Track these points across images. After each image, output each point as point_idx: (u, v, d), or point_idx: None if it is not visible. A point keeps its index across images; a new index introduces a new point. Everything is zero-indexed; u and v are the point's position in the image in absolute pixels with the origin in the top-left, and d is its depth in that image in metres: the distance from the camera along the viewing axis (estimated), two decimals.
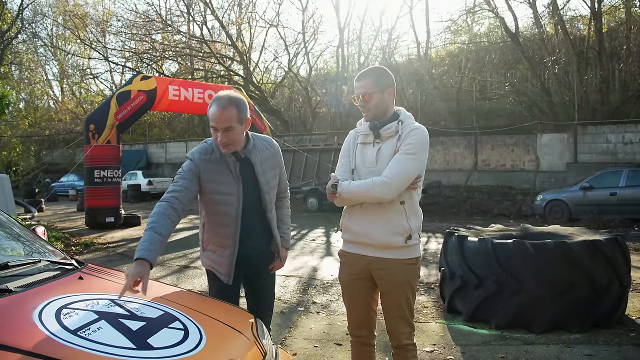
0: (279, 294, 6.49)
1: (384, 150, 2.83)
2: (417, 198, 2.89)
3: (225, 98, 2.72)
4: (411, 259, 2.86)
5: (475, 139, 19.45)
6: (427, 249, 9.91)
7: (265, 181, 2.95)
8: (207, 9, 26.83)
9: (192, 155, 2.87)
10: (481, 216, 15.93)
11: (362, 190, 2.77)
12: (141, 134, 34.21)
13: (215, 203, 2.87)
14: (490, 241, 5.00)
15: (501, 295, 4.86)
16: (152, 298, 2.32)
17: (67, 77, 38.81)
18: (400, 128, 2.81)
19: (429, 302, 6.00)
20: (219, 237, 2.91)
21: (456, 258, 5.30)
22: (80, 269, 2.60)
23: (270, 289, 3.21)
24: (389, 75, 2.90)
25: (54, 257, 2.75)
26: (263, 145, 3.02)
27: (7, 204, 13.79)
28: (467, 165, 19.60)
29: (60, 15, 33.11)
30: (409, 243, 2.81)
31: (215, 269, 2.94)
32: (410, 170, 2.73)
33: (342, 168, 2.97)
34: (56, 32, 38.07)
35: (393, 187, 2.70)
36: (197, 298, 2.63)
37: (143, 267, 2.41)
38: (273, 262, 3.10)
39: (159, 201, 2.73)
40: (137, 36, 28.10)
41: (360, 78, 2.89)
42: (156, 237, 2.53)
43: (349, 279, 2.98)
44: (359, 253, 2.90)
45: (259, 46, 32.03)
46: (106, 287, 2.40)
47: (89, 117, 14.50)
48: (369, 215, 2.84)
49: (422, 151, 2.78)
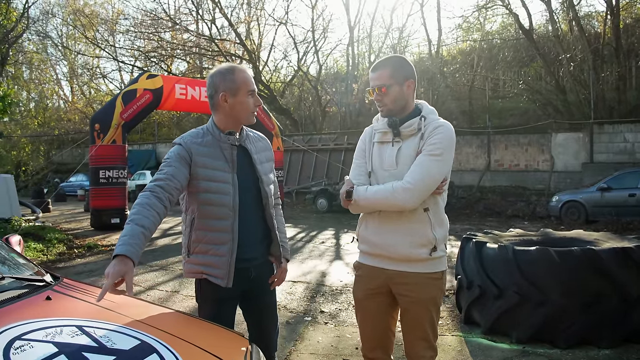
0: (284, 302, 6.18)
1: (405, 150, 2.50)
2: (442, 204, 2.57)
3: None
4: (436, 273, 2.54)
5: (488, 139, 19.05)
6: None
7: (264, 172, 2.64)
8: (216, 8, 26.55)
9: (181, 139, 2.55)
10: (495, 217, 15.54)
11: (381, 197, 2.45)
12: (150, 133, 34.05)
13: (210, 191, 2.48)
14: (511, 248, 4.64)
15: (523, 306, 4.49)
16: (128, 322, 1.99)
17: (76, 76, 38.73)
18: (423, 125, 2.49)
19: (444, 312, 5.64)
20: (214, 233, 2.50)
21: (474, 266, 4.94)
22: (52, 286, 2.29)
23: (273, 308, 2.85)
24: (408, 65, 2.58)
25: (24, 272, 2.44)
26: (256, 137, 2.74)
27: (11, 204, 13.62)
28: (480, 166, 19.19)
29: (70, 14, 33.03)
30: (434, 255, 2.50)
31: (208, 273, 2.52)
32: (436, 174, 2.42)
33: (358, 170, 2.64)
34: (66, 32, 38.04)
35: (416, 193, 2.39)
36: (183, 321, 2.28)
37: (125, 265, 2.05)
38: (273, 276, 2.74)
39: (142, 191, 2.38)
40: (145, 35, 27.90)
41: (376, 68, 2.56)
42: (137, 229, 2.17)
43: (366, 294, 2.65)
44: (377, 266, 2.58)
45: (269, 45, 31.67)
46: (77, 309, 2.08)
47: (94, 117, 14.25)
48: (388, 225, 2.52)
49: (448, 151, 2.46)
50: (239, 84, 2.53)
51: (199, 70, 30.12)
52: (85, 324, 1.89)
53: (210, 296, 2.58)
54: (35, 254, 9.44)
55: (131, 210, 2.28)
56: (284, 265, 2.78)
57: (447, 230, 2.59)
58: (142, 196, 2.32)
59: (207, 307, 2.62)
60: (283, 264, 2.76)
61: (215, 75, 2.56)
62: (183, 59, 30.48)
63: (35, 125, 35.38)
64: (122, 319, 2.03)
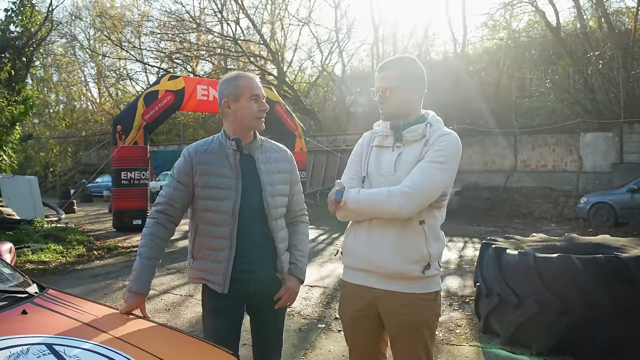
0: (299, 308, 6.05)
1: (406, 156, 2.32)
2: (440, 220, 2.37)
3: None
4: (430, 294, 2.32)
5: (514, 139, 18.68)
6: (463, 256, 9.34)
7: (269, 181, 2.54)
8: (240, 10, 26.55)
9: (187, 149, 2.62)
10: (521, 219, 15.21)
11: (375, 201, 2.25)
12: (176, 134, 34.24)
13: (209, 198, 2.49)
14: (531, 255, 4.42)
15: (544, 316, 4.27)
16: (105, 340, 1.87)
17: (103, 78, 39.17)
18: (428, 132, 2.31)
19: (463, 320, 5.45)
20: (213, 239, 2.49)
21: (493, 273, 4.74)
22: (33, 298, 2.19)
23: (276, 329, 2.71)
24: (418, 68, 2.41)
25: (6, 283, 2.35)
26: (272, 148, 2.67)
27: (34, 205, 13.76)
28: (506, 166, 18.82)
29: (96, 17, 33.36)
30: (428, 273, 2.28)
31: (207, 278, 2.51)
32: (438, 182, 2.22)
33: (350, 174, 2.48)
34: (93, 34, 38.47)
35: (414, 199, 2.18)
36: (167, 338, 2.15)
37: (138, 298, 2.40)
38: (277, 294, 2.58)
39: (149, 215, 2.59)
40: (169, 36, 28.05)
41: (383, 68, 2.40)
42: (145, 263, 2.46)
43: (352, 316, 2.45)
44: (364, 284, 2.37)
45: (293, 45, 31.59)
46: (54, 324, 1.96)
47: (117, 118, 14.31)
48: (379, 236, 2.31)
49: (453, 161, 2.28)
50: (242, 89, 2.51)
51: (223, 71, 30.18)
52: (56, 342, 1.77)
53: (210, 304, 2.57)
54: (54, 255, 9.46)
55: (140, 240, 2.53)
56: (290, 284, 2.60)
57: (442, 247, 2.38)
58: (147, 226, 2.54)
59: (207, 316, 2.60)
60: (289, 282, 2.60)
61: (221, 83, 2.58)
62: (207, 60, 30.59)
63: (63, 127, 35.83)
64: (100, 336, 1.91)
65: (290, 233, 2.72)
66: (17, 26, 14.68)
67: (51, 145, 34.19)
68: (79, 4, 37.85)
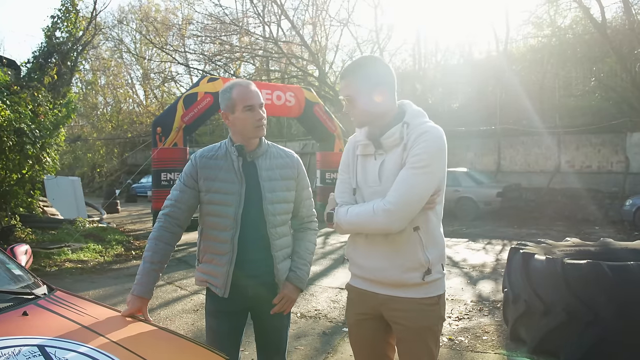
0: (326, 311, 6.03)
1: (388, 163, 2.24)
2: (436, 220, 2.28)
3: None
4: (432, 298, 2.25)
5: (558, 139, 18.17)
6: (500, 260, 9.14)
7: (270, 188, 2.55)
8: (281, 12, 26.67)
9: (194, 154, 2.66)
10: (564, 222, 14.81)
11: (362, 221, 2.21)
12: (219, 135, 34.64)
13: (213, 203, 2.54)
14: (559, 261, 4.28)
15: (572, 325, 4.14)
16: (100, 344, 1.88)
17: (149, 80, 39.96)
18: (405, 133, 2.20)
19: (491, 326, 5.33)
20: (216, 243, 2.55)
21: (520, 279, 4.61)
22: (38, 300, 2.23)
23: (278, 334, 2.70)
24: (381, 68, 2.28)
25: (16, 284, 2.41)
26: (277, 153, 2.67)
27: (77, 205, 14.15)
28: (549, 167, 18.36)
29: (142, 21, 34.06)
30: (428, 279, 2.22)
31: (210, 282, 2.57)
32: (421, 190, 2.13)
33: (342, 187, 2.41)
34: (139, 38, 39.30)
35: (399, 215, 2.12)
36: (164, 341, 2.17)
37: (140, 302, 2.45)
38: (274, 299, 2.59)
39: (157, 219, 2.62)
40: (212, 39, 28.38)
41: (343, 76, 2.29)
42: (149, 267, 2.50)
43: (357, 319, 2.42)
44: (369, 290, 2.34)
45: (334, 46, 31.55)
46: (52, 326, 1.99)
47: (156, 120, 14.58)
48: (376, 247, 2.27)
49: (436, 161, 2.16)
50: (235, 100, 2.52)
51: (266, 72, 30.40)
52: (50, 344, 1.80)
53: (211, 307, 2.64)
54: (93, 255, 9.69)
55: (146, 245, 2.57)
56: (286, 292, 2.59)
57: (442, 249, 2.30)
58: (154, 229, 2.58)
59: (209, 319, 2.66)
60: (286, 289, 2.60)
61: (219, 94, 2.62)
62: (249, 61, 30.85)
63: (110, 129, 36.74)
64: (96, 339, 1.93)
65: (296, 240, 2.72)
66: (62, 32, 15.14)
67: (98, 147, 35.18)
68: (125, 9, 38.75)
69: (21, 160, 10.82)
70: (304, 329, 5.44)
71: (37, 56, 14.75)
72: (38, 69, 14.27)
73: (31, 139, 10.20)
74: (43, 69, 14.19)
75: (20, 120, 10.04)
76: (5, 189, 11.30)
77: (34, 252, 9.03)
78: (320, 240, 11.78)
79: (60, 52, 14.84)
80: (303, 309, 6.12)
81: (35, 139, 10.34)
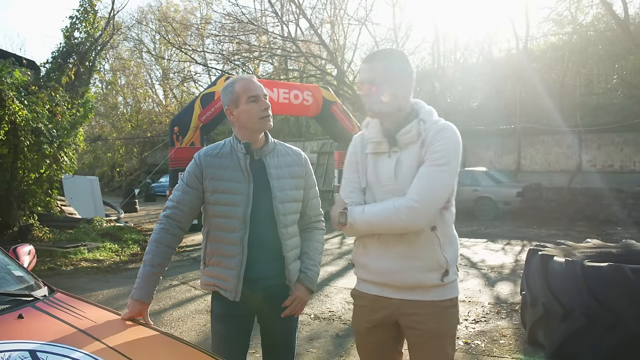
0: (340, 312, 5.94)
1: (405, 160, 2.15)
2: (451, 219, 2.21)
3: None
4: (450, 300, 2.18)
5: (579, 138, 17.90)
6: (519, 261, 8.98)
7: (279, 187, 2.46)
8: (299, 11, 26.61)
9: (197, 153, 2.57)
10: (585, 222, 14.56)
11: (382, 220, 2.11)
12: None
13: (219, 203, 2.44)
14: (579, 264, 4.15)
15: (592, 330, 4.00)
16: (96, 350, 1.81)
17: (168, 80, 40.19)
18: (422, 129, 2.13)
19: (509, 330, 5.19)
20: (224, 245, 2.44)
21: (539, 282, 4.48)
22: (37, 301, 2.18)
23: (287, 337, 2.60)
24: (407, 64, 2.22)
25: (16, 285, 2.36)
26: (284, 151, 2.58)
27: (95, 204, 14.23)
28: (570, 166, 18.08)
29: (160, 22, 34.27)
30: (447, 280, 2.14)
31: (219, 285, 2.45)
32: (443, 187, 2.08)
33: (350, 187, 2.30)
34: (158, 38, 39.53)
35: (423, 212, 2.04)
36: (164, 347, 2.10)
37: (140, 306, 2.36)
38: (285, 302, 2.49)
39: (159, 220, 2.52)
40: (229, 38, 28.43)
41: (369, 60, 2.22)
42: (149, 271, 2.42)
43: (368, 327, 2.29)
44: (382, 295, 2.23)
45: (352, 45, 31.37)
46: (46, 330, 1.92)
47: (174, 120, 14.61)
48: (390, 248, 2.17)
49: (455, 159, 2.11)
50: (238, 93, 2.45)
51: (284, 72, 30.37)
52: (42, 349, 1.74)
53: (219, 311, 2.53)
54: (109, 254, 9.71)
55: (147, 248, 2.49)
56: (298, 293, 2.50)
57: (457, 250, 2.24)
58: (155, 231, 2.49)
59: (216, 323, 2.56)
60: (297, 291, 2.50)
61: (221, 92, 2.54)
62: (267, 61, 30.85)
63: (129, 128, 37.00)
64: (92, 345, 1.86)
65: (304, 240, 2.62)
66: (80, 32, 15.23)
67: (118, 146, 35.46)
68: (144, 10, 39.00)
69: (39, 160, 10.91)
70: (317, 331, 5.35)
71: (56, 57, 14.85)
72: (57, 69, 14.37)
73: (48, 139, 10.27)
74: (62, 70, 14.29)
75: (37, 120, 10.11)
76: (23, 188, 11.41)
77: (51, 251, 9.16)
78: (336, 241, 11.70)
79: (79, 52, 14.92)
80: (317, 311, 6.04)
81: (53, 139, 10.40)
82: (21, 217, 11.17)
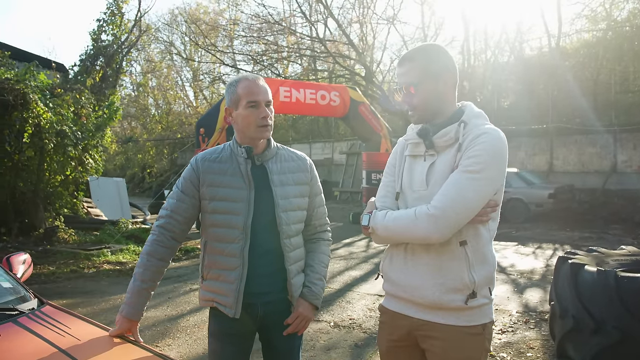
0: (361, 320, 5.76)
1: (440, 165, 1.96)
2: (488, 237, 1.97)
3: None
4: (475, 327, 1.93)
5: (614, 137, 17.35)
6: (550, 266, 8.66)
7: (283, 194, 2.28)
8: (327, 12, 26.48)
9: (194, 157, 2.40)
10: (620, 225, 14.07)
11: (401, 227, 1.92)
12: None
13: (218, 212, 2.26)
14: (612, 274, 3.89)
15: (626, 345, 3.74)
16: None
17: (198, 81, 40.49)
18: (461, 133, 1.92)
19: (537, 341, 4.95)
20: (223, 257, 2.25)
21: (568, 292, 4.22)
22: (20, 316, 2.08)
23: (287, 357, 2.41)
24: (445, 56, 2.02)
25: (2, 297, 2.25)
26: (288, 156, 2.41)
27: (121, 206, 14.28)
28: (604, 167, 17.53)
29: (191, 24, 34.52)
30: (472, 304, 1.90)
31: (218, 301, 2.27)
32: (472, 197, 1.84)
33: (384, 191, 2.13)
34: (188, 40, 39.88)
35: (444, 222, 1.82)
36: None
37: (129, 323, 2.24)
38: (287, 320, 2.31)
39: (151, 231, 2.36)
40: (255, 39, 28.46)
41: (404, 61, 2.02)
42: (140, 286, 2.27)
43: (389, 346, 2.11)
44: (401, 312, 2.04)
45: (381, 45, 31.23)
46: (22, 350, 1.82)
47: (199, 121, 14.59)
48: (415, 261, 1.98)
49: (493, 167, 1.87)
50: (240, 94, 2.29)
51: (313, 72, 30.28)
52: None
53: (217, 328, 2.35)
54: (132, 256, 9.67)
55: (138, 260, 2.35)
56: (301, 310, 2.31)
57: (492, 270, 1.98)
58: (147, 242, 2.34)
59: (213, 341, 2.39)
60: (301, 307, 2.31)
61: (225, 89, 2.41)
62: (295, 61, 30.81)
63: (159, 130, 37.37)
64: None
65: (308, 252, 2.44)
66: (108, 35, 15.36)
67: (148, 148, 35.86)
68: (175, 12, 39.38)
69: (64, 162, 10.96)
70: (336, 339, 5.17)
71: (84, 59, 15.01)
72: (84, 71, 14.51)
73: (73, 141, 10.31)
74: (89, 72, 14.42)
75: (62, 123, 10.16)
76: (49, 190, 11.49)
77: (74, 254, 9.14)
78: (362, 244, 11.49)
79: (106, 54, 15.04)
80: (337, 318, 5.86)
81: (77, 141, 10.45)
82: (47, 219, 11.24)
